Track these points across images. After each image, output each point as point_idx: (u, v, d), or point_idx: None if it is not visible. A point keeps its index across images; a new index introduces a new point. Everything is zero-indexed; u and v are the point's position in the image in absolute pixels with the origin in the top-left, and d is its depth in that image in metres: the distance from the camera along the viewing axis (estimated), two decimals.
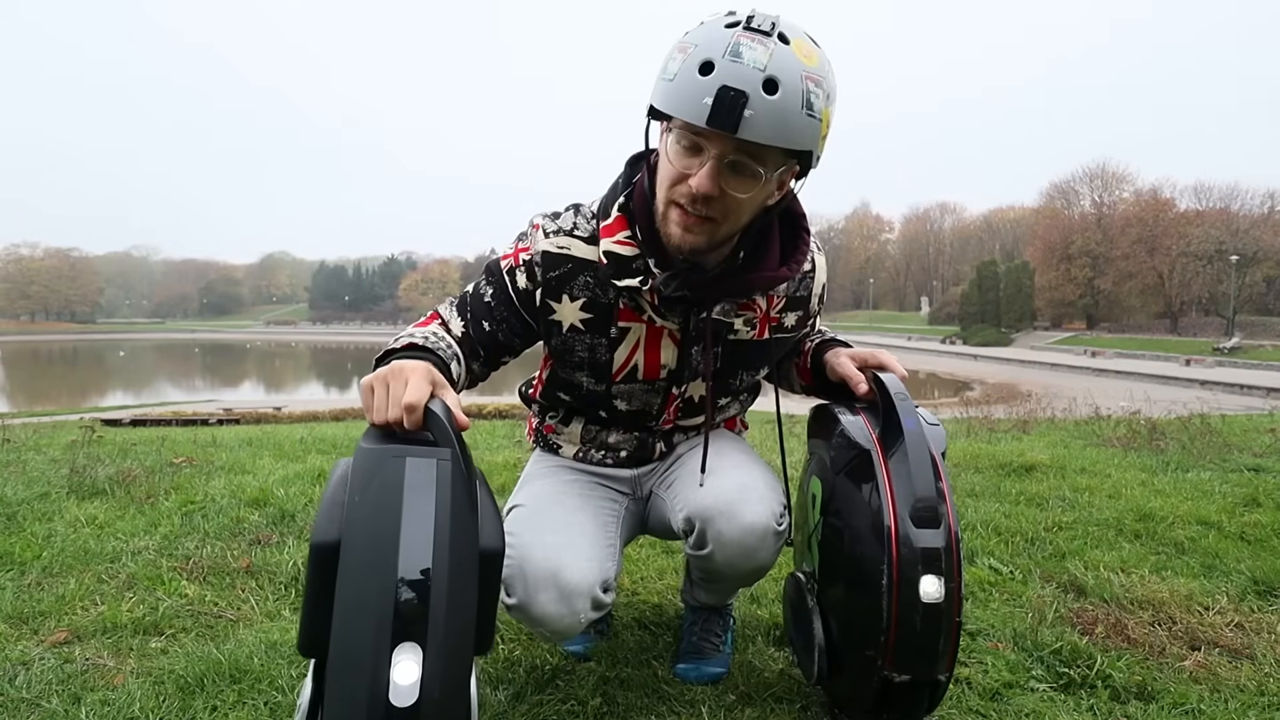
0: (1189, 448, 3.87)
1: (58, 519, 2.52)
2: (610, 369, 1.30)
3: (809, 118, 1.02)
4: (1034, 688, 1.42)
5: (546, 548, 1.21)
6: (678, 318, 1.25)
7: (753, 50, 0.99)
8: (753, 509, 1.23)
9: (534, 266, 1.24)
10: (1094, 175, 60.00)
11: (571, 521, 1.28)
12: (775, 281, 1.23)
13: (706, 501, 1.25)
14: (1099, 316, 55.31)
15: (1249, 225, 48.40)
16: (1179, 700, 1.36)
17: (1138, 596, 1.81)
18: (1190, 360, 35.21)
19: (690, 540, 1.28)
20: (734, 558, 1.24)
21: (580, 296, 1.25)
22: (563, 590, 1.18)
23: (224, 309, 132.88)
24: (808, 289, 1.34)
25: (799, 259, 1.24)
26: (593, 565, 1.22)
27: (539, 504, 1.32)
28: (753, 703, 1.37)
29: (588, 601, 1.20)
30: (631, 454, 1.42)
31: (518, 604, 1.19)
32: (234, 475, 3.25)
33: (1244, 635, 1.63)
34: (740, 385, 1.39)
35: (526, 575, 1.18)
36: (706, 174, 1.05)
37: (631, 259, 1.20)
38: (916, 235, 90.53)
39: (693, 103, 1.00)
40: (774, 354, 1.37)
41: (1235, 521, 2.43)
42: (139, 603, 1.83)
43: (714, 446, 1.37)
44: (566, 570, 1.19)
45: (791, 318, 1.34)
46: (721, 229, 1.13)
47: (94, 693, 1.40)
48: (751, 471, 1.31)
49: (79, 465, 3.16)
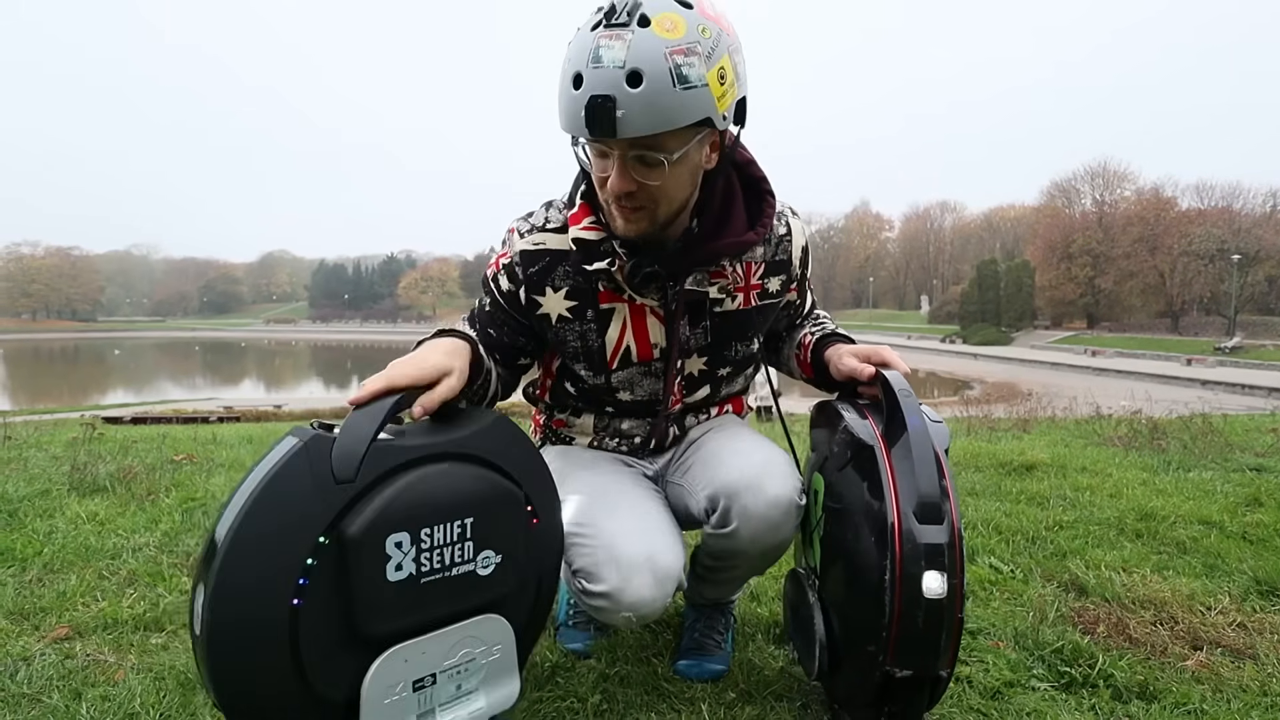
0: (1190, 447, 3.86)
1: (59, 516, 2.52)
2: (605, 355, 1.32)
3: (686, 90, 1.01)
4: (1035, 687, 1.42)
5: (637, 533, 1.23)
6: (655, 294, 1.28)
7: (610, 49, 1.00)
8: (777, 483, 1.24)
9: (514, 268, 1.30)
10: (1095, 174, 60.03)
11: (648, 508, 1.30)
12: (742, 246, 1.25)
13: (732, 477, 1.26)
14: (1100, 316, 55.30)
15: (1251, 224, 48.39)
16: (1181, 700, 1.35)
17: (1139, 596, 1.81)
18: (1191, 360, 35.21)
19: (713, 519, 1.28)
20: (758, 532, 1.25)
21: (563, 286, 1.29)
22: (658, 574, 1.19)
23: (224, 307, 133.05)
24: (786, 252, 1.36)
25: (765, 222, 1.27)
26: (679, 547, 1.25)
27: (601, 490, 1.31)
28: (753, 700, 1.37)
29: (675, 584, 1.22)
30: (645, 440, 1.43)
31: (609, 589, 1.18)
32: (234, 472, 3.25)
33: (1247, 635, 1.62)
34: (736, 355, 1.40)
35: (619, 560, 1.19)
36: (616, 175, 1.10)
37: (599, 243, 1.24)
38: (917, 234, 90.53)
39: (573, 118, 1.05)
40: (763, 321, 1.39)
41: (1237, 521, 2.42)
42: (140, 599, 1.83)
43: (727, 430, 1.40)
44: (661, 554, 1.21)
45: (775, 282, 1.36)
46: (660, 212, 1.17)
47: (95, 688, 1.40)
48: (771, 449, 1.32)
49: (80, 462, 3.16)
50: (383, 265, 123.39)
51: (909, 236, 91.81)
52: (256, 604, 0.89)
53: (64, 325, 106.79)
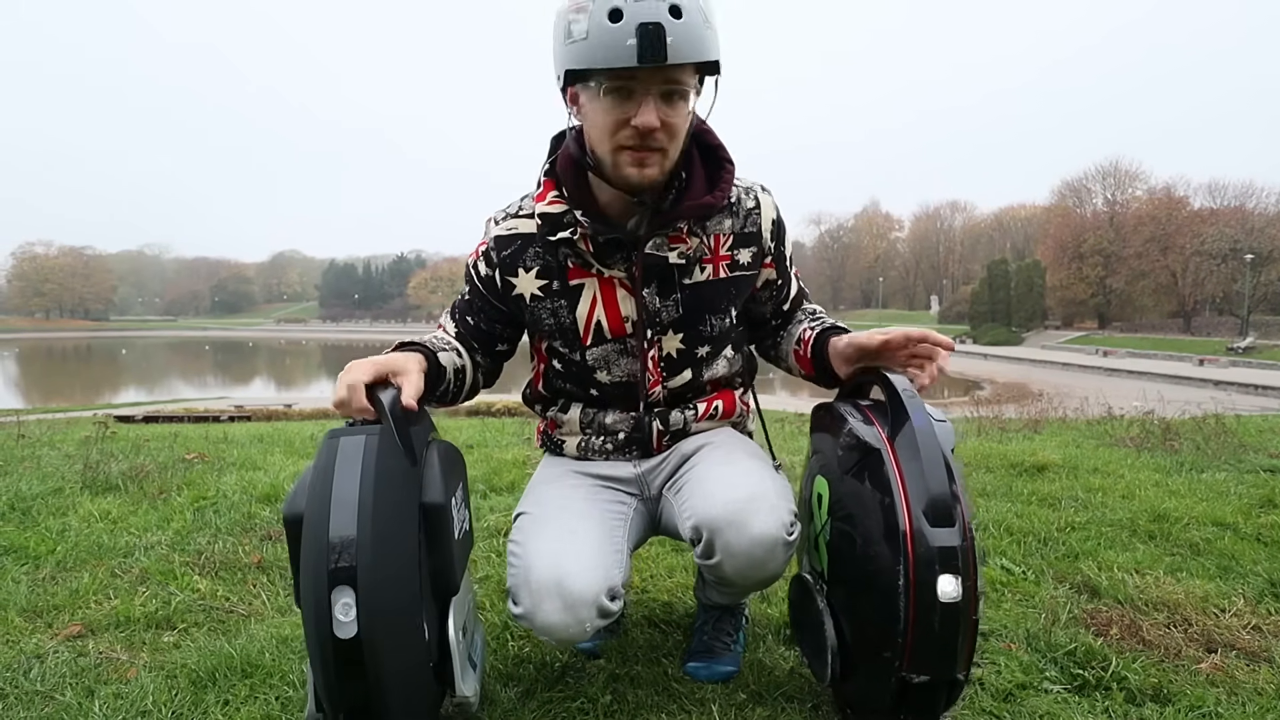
0: (1203, 448, 3.83)
1: (71, 514, 2.54)
2: (578, 331, 1.34)
3: (708, 29, 1.11)
4: (1048, 689, 1.41)
5: (550, 555, 1.20)
6: (621, 265, 1.30)
7: None
8: (762, 520, 1.20)
9: (490, 253, 1.35)
10: (1106, 173, 59.54)
11: (577, 528, 1.27)
12: (701, 209, 1.27)
13: (715, 512, 1.23)
14: (1111, 316, 54.90)
15: (1264, 223, 47.87)
16: (1195, 703, 1.34)
17: (1152, 598, 1.79)
18: (1204, 360, 34.88)
19: (698, 550, 1.26)
20: (743, 568, 1.23)
21: (533, 266, 1.33)
22: (567, 599, 1.17)
23: (235, 307, 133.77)
24: (756, 225, 1.36)
25: (724, 186, 1.29)
26: (598, 573, 1.20)
27: (544, 510, 1.32)
28: (763, 701, 1.37)
29: (593, 610, 1.18)
30: (630, 436, 1.41)
31: (523, 613, 1.20)
32: (245, 471, 3.27)
33: (1261, 638, 1.61)
34: (713, 331, 1.38)
35: (531, 584, 1.18)
36: (649, 109, 1.14)
37: (561, 214, 1.28)
38: (926, 234, 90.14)
39: (616, 49, 1.08)
40: (737, 294, 1.39)
41: (1251, 523, 2.40)
42: (151, 597, 1.84)
43: (722, 450, 1.37)
44: (571, 579, 1.17)
45: (745, 254, 1.36)
46: (669, 156, 1.21)
47: (107, 686, 1.41)
48: (762, 479, 1.27)
49: (92, 461, 3.19)
50: (393, 265, 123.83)
51: (919, 236, 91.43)
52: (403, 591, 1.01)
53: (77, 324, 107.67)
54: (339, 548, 0.95)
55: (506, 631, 1.64)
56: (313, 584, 0.96)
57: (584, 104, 1.20)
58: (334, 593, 0.94)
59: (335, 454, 1.02)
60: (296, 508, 1.02)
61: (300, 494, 1.03)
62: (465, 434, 4.62)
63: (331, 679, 0.96)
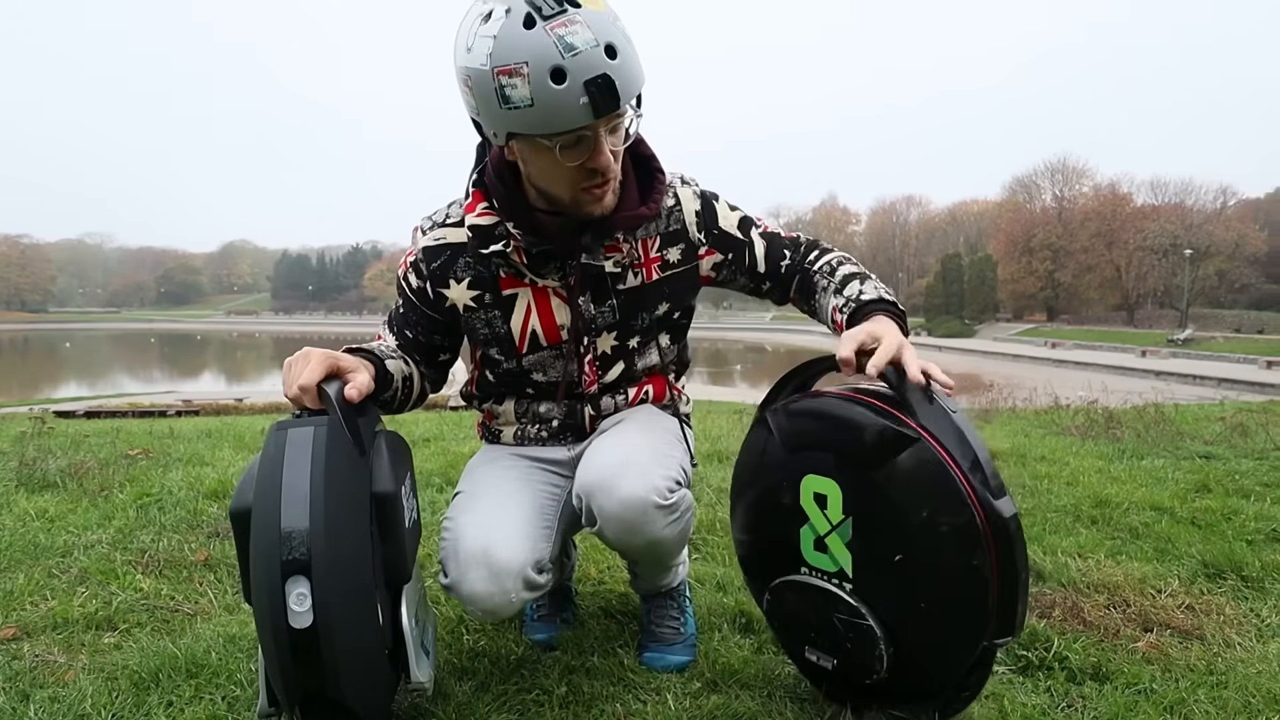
0: (1144, 436, 3.97)
1: (6, 513, 2.44)
2: (513, 341, 1.34)
3: (633, 48, 1.09)
4: (993, 670, 1.44)
5: (478, 527, 1.24)
6: (555, 274, 1.30)
7: (575, 34, 1.02)
8: (630, 483, 1.20)
9: (419, 265, 1.33)
10: (1055, 170, 61.26)
11: (507, 503, 1.30)
12: (635, 220, 1.28)
13: (589, 478, 1.25)
14: (1059, 308, 56.59)
15: (1202, 220, 49.82)
16: (1132, 680, 1.39)
17: (1094, 580, 1.85)
18: (1146, 351, 36.22)
19: (584, 517, 1.28)
20: (619, 532, 1.24)
21: (464, 277, 1.32)
22: (493, 569, 1.20)
23: (183, 298, 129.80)
24: (679, 221, 1.36)
25: (657, 196, 1.30)
26: (524, 545, 1.24)
27: (477, 488, 1.36)
28: (718, 689, 1.38)
29: (519, 581, 1.22)
30: (563, 423, 1.43)
31: (450, 583, 1.23)
32: (192, 467, 3.18)
33: (1194, 616, 1.68)
34: (643, 324, 1.38)
35: (459, 554, 1.22)
36: (602, 150, 1.13)
37: (492, 227, 1.26)
38: (883, 228, 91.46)
39: (569, 111, 1.05)
40: (675, 292, 1.39)
41: (1187, 507, 2.50)
42: (91, 597, 1.78)
43: (623, 424, 1.39)
44: (496, 548, 1.21)
45: (674, 253, 1.37)
46: (618, 177, 1.22)
47: (43, 689, 1.36)
48: (641, 447, 1.28)
49: (28, 457, 3.07)
50: (347, 256, 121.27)
51: (875, 230, 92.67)
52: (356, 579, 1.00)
53: (13, 316, 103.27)
54: (292, 539, 0.94)
55: (461, 625, 1.63)
56: (265, 576, 0.95)
57: (528, 154, 1.16)
58: (288, 584, 0.94)
59: (284, 445, 1.01)
60: (244, 501, 1.01)
61: (248, 487, 1.02)
62: (422, 427, 4.56)
63: (289, 670, 0.95)
